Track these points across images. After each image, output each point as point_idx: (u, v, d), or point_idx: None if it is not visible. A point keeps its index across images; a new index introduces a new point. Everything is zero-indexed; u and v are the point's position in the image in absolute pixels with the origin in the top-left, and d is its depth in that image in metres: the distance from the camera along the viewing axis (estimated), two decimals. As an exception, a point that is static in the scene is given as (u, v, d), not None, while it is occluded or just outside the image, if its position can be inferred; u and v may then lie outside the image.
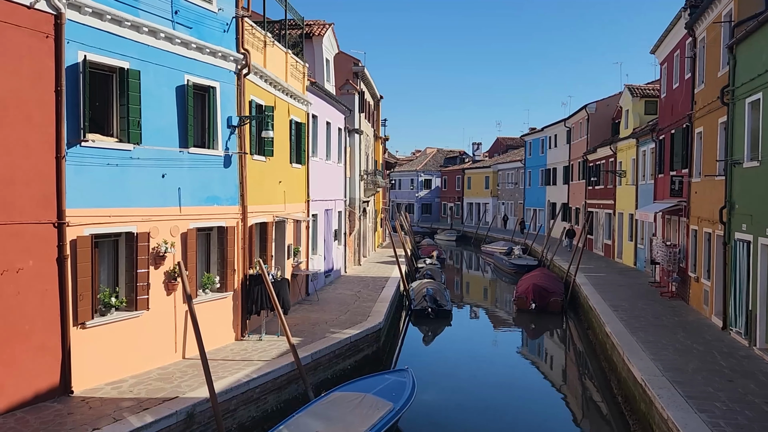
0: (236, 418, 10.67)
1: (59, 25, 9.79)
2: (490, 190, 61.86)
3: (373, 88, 34.97)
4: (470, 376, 16.06)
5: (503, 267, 37.11)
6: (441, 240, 56.22)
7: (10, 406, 9.23)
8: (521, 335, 22.30)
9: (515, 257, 36.29)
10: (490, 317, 25.59)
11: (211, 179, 13.28)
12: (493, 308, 27.89)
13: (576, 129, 40.18)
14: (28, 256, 9.52)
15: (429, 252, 38.26)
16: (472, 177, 66.18)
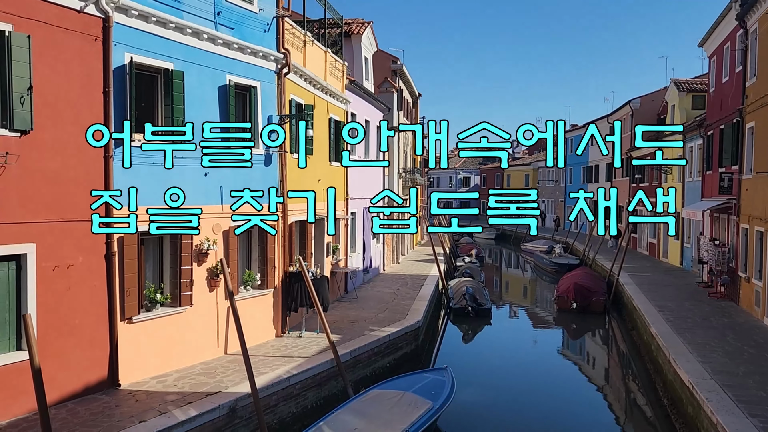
0: (277, 414, 10.81)
1: (107, 28, 10.08)
2: (530, 188, 61.01)
3: (412, 86, 34.89)
4: (510, 376, 15.89)
5: (543, 266, 36.59)
6: (480, 238, 55.76)
7: (62, 397, 9.55)
8: (562, 335, 21.96)
9: (556, 256, 35.73)
10: (530, 316, 25.27)
11: (252, 177, 13.45)
12: (533, 307, 27.53)
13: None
14: (79, 253, 9.83)
15: (468, 250, 38.00)
16: (511, 175, 65.44)
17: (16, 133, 8.89)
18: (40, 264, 9.29)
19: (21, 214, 8.99)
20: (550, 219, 53.98)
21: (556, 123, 8.35)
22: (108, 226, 9.58)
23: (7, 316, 9.11)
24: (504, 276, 37.91)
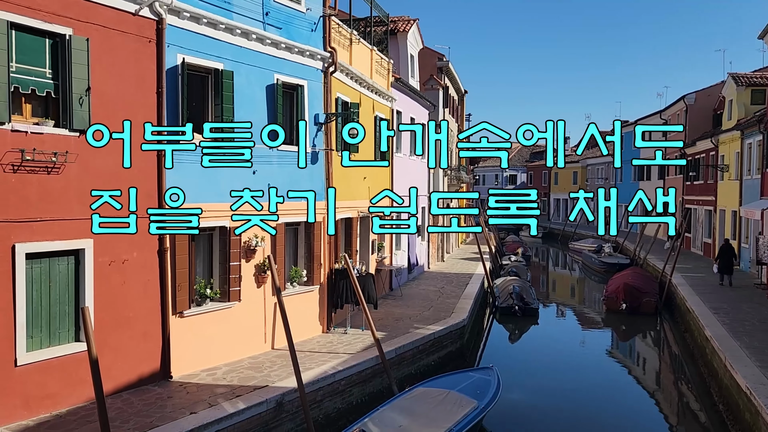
0: (322, 409, 10.93)
1: (160, 30, 10.37)
2: (579, 186, 59.81)
3: (458, 83, 34.66)
4: (557, 377, 15.61)
5: (592, 265, 35.80)
6: (526, 237, 54.92)
7: (117, 387, 9.90)
8: (611, 336, 21.45)
9: (605, 255, 34.89)
10: (577, 317, 24.78)
11: (299, 175, 13.60)
12: (580, 308, 26.98)
13: (673, 121, 38.06)
14: (133, 248, 10.16)
15: (514, 249, 37.49)
16: (559, 172, 64.29)
17: (75, 132, 9.24)
18: (97, 259, 9.65)
19: (80, 211, 9.34)
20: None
21: (556, 123, 8.29)
22: (107, 226, 9.30)
23: (67, 309, 9.50)
24: (551, 275, 37.28)
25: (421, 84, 27.05)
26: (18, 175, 8.63)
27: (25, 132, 8.67)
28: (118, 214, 9.84)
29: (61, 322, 9.45)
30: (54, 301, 9.34)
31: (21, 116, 8.88)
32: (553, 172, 65.37)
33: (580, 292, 31.66)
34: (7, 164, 8.49)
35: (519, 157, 74.30)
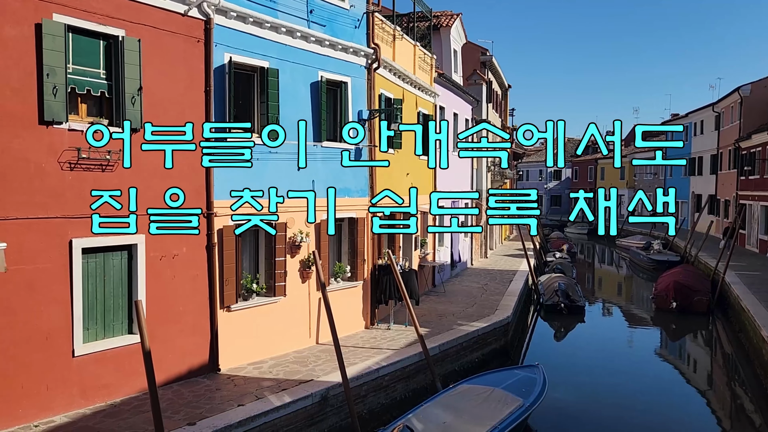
0: (366, 404, 10.99)
1: (208, 29, 10.58)
2: (626, 181, 58.36)
3: (501, 78, 34.25)
4: (604, 376, 15.30)
5: (640, 262, 34.91)
6: (571, 233, 54.00)
7: (168, 379, 10.18)
8: (660, 336, 20.88)
9: (654, 252, 33.98)
10: (625, 315, 24.21)
11: (342, 171, 13.69)
12: (628, 306, 26.36)
13: (727, 114, 36.74)
14: (182, 244, 10.41)
15: (559, 245, 36.90)
16: (605, 167, 62.85)
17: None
18: (148, 254, 9.93)
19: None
20: (647, 214, 51.37)
21: (556, 123, 8.27)
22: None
23: (120, 302, 9.82)
24: (597, 272, 36.53)
25: (464, 79, 26.84)
26: (74, 173, 8.95)
27: (81, 131, 8.98)
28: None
29: (115, 314, 9.77)
30: (108, 294, 9.67)
31: (77, 116, 9.20)
32: (599, 167, 63.94)
33: (627, 290, 30.92)
34: (64, 162, 8.82)
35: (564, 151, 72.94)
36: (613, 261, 40.49)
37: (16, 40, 8.28)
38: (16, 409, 8.44)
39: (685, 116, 44.96)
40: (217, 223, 10.88)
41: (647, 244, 36.27)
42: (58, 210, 8.80)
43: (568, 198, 70.41)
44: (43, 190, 8.63)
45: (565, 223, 59.18)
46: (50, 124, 8.63)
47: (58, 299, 8.88)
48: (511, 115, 42.07)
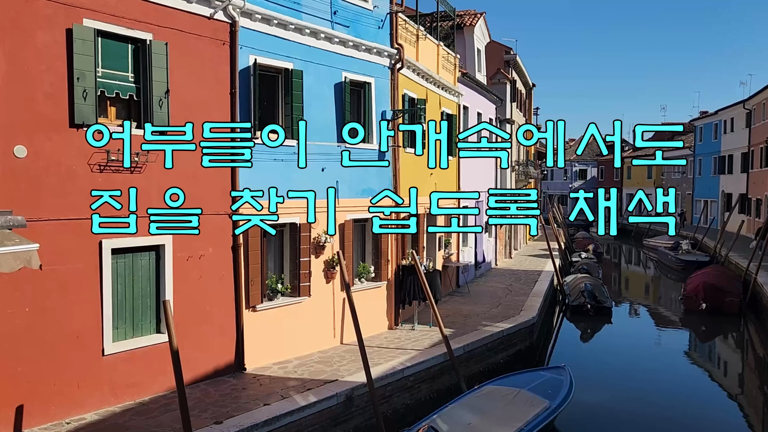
0: (391, 404, 10.99)
1: (234, 32, 10.69)
2: (653, 180, 57.45)
3: (525, 77, 33.98)
4: (632, 378, 15.08)
5: (668, 263, 34.32)
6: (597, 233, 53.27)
7: (195, 378, 10.31)
8: (689, 337, 20.51)
9: (683, 252, 33.36)
10: (653, 316, 23.83)
11: (366, 172, 13.74)
12: (656, 307, 25.94)
13: (758, 111, 35.92)
14: (209, 244, 10.53)
15: (584, 245, 36.45)
16: (632, 167, 61.90)
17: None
18: (176, 254, 10.07)
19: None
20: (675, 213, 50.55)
21: (557, 123, 8.24)
22: (108, 226, 9.24)
23: (149, 302, 9.97)
24: (623, 273, 36.02)
25: (488, 78, 26.68)
26: (104, 175, 9.11)
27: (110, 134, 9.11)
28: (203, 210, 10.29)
29: (143, 314, 9.92)
30: (137, 294, 9.82)
31: (106, 118, 9.37)
32: (626, 167, 63.02)
33: (655, 291, 30.44)
34: (94, 164, 8.98)
35: (589, 150, 72.06)
36: (640, 261, 39.90)
37: (48, 46, 8.46)
38: (49, 407, 8.63)
39: (714, 114, 44.08)
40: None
41: (676, 244, 35.64)
42: (89, 211, 8.94)
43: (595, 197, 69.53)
44: (74, 191, 8.80)
45: (591, 224, 58.47)
46: (81, 127, 8.80)
47: (89, 299, 9.05)
48: (535, 114, 41.70)
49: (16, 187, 8.22)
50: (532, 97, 39.05)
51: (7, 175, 8.12)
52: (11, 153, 8.15)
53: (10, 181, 8.16)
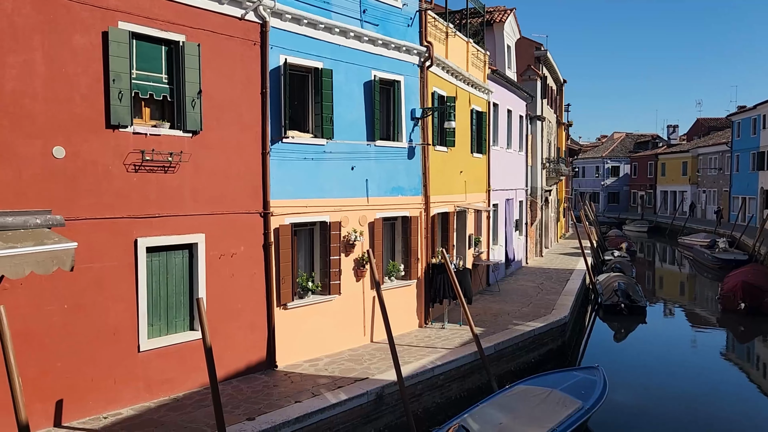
0: (421, 403, 10.96)
1: (264, 32, 10.77)
2: (689, 177, 56.17)
3: (556, 73, 33.56)
4: (668, 379, 14.76)
5: (705, 261, 33.54)
6: (630, 231, 52.39)
7: (227, 375, 10.44)
8: (727, 338, 20.00)
9: (720, 251, 32.56)
10: (689, 316, 23.30)
11: (396, 170, 13.73)
12: (692, 306, 25.35)
13: (798, 105, 34.81)
14: (240, 243, 10.65)
15: (617, 244, 35.87)
16: (666, 163, 60.70)
17: (188, 133, 9.80)
18: (208, 252, 10.20)
19: (193, 207, 9.91)
20: (711, 210, 49.32)
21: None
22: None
23: (182, 299, 10.12)
24: (658, 272, 35.29)
25: (518, 75, 26.42)
26: (139, 175, 9.27)
27: (145, 134, 9.30)
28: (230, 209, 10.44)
29: (177, 311, 10.08)
30: (171, 292, 9.98)
31: (141, 119, 9.54)
32: (659, 163, 61.79)
33: (690, 290, 29.77)
34: (129, 164, 9.15)
35: (622, 147, 70.85)
36: (675, 260, 39.06)
37: (84, 48, 8.64)
38: (87, 402, 8.83)
39: (753, 108, 42.87)
40: (273, 223, 11.06)
41: (712, 242, 34.81)
42: (124, 210, 9.14)
43: (627, 195, 68.35)
44: (110, 191, 8.98)
45: (624, 221, 57.48)
46: (116, 127, 8.97)
47: (125, 296, 9.23)
48: (566, 110, 41.17)
49: (55, 187, 8.42)
50: (563, 93, 38.55)
51: (46, 176, 8.33)
52: (50, 154, 8.35)
53: (49, 181, 8.36)
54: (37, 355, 8.35)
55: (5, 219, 7.50)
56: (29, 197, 8.17)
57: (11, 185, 8.02)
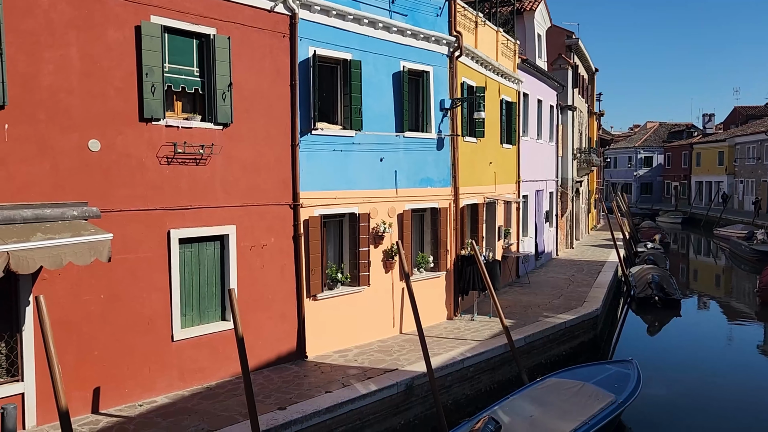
0: (451, 395, 10.94)
1: (293, 24, 10.79)
2: (725, 167, 54.74)
3: (588, 61, 32.96)
4: (704, 373, 14.46)
5: (742, 253, 32.71)
6: (664, 222, 51.36)
7: (258, 365, 10.56)
8: (765, 331, 19.49)
9: (758, 242, 31.71)
10: (725, 309, 22.77)
11: (424, 162, 13.67)
12: (728, 299, 24.76)
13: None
14: (270, 234, 10.73)
15: (650, 235, 35.22)
16: (702, 152, 59.24)
17: (219, 126, 9.90)
18: (239, 243, 10.30)
19: (224, 199, 10.02)
20: (749, 201, 48.02)
21: None
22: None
23: (214, 290, 10.26)
24: (692, 264, 34.55)
25: (549, 64, 26.01)
26: (171, 167, 9.40)
27: (177, 127, 9.42)
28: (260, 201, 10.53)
29: (209, 302, 10.22)
30: (203, 282, 10.12)
31: (173, 112, 9.65)
32: (694, 153, 60.34)
33: (727, 283, 29.07)
34: (162, 157, 9.28)
35: (655, 137, 69.35)
36: (710, 252, 38.19)
37: (118, 43, 8.77)
38: (123, 389, 9.03)
39: (793, 96, 41.47)
40: (303, 214, 11.12)
41: (750, 233, 33.93)
42: (158, 202, 9.28)
43: (661, 186, 66.96)
44: (143, 183, 9.13)
45: (657, 212, 56.38)
46: (149, 121, 9.10)
47: (158, 287, 9.39)
48: (598, 100, 40.45)
49: (90, 180, 8.59)
50: (594, 82, 37.86)
51: (82, 168, 8.50)
52: (86, 147, 8.51)
53: (85, 174, 8.53)
54: (75, 344, 8.56)
55: (44, 211, 7.68)
56: (66, 190, 8.35)
57: (49, 178, 8.21)
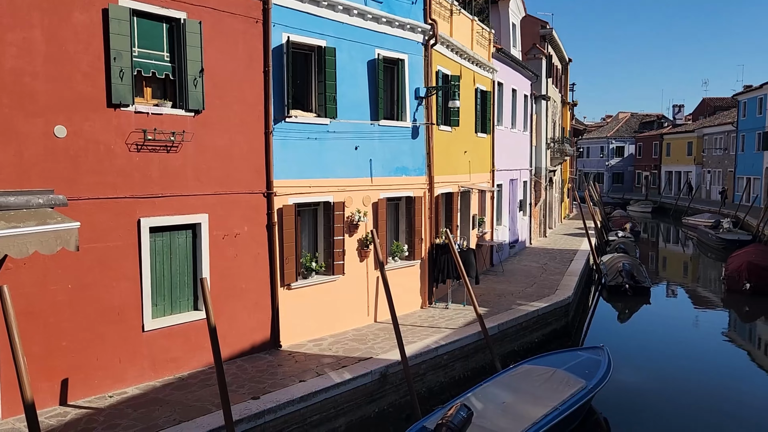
0: (425, 382, 11.00)
1: (266, 9, 10.61)
2: (694, 157, 55.86)
3: (562, 51, 33.19)
4: (672, 359, 14.79)
5: (708, 242, 33.46)
6: (634, 211, 52.25)
7: (232, 354, 10.47)
8: (730, 318, 19.98)
9: (724, 231, 32.46)
10: (692, 297, 23.29)
11: (400, 150, 13.64)
12: (695, 287, 25.33)
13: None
14: (244, 223, 10.61)
15: (621, 224, 35.78)
16: (671, 143, 60.31)
17: (191, 112, 9.72)
18: (212, 232, 10.16)
19: (196, 187, 9.86)
20: (716, 191, 49.09)
21: None
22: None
23: (186, 279, 10.11)
24: (661, 252, 35.22)
25: (523, 53, 26.11)
26: (141, 154, 9.21)
27: (147, 113, 9.22)
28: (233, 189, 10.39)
29: (181, 291, 10.08)
30: (174, 272, 9.97)
31: (142, 98, 9.44)
32: (664, 143, 61.37)
33: (694, 271, 29.73)
34: (131, 144, 9.08)
35: (627, 127, 70.34)
36: (679, 240, 38.98)
37: (85, 26, 8.52)
38: (92, 380, 8.87)
39: (759, 87, 42.44)
40: (277, 203, 11.02)
41: (716, 222, 34.71)
42: (127, 190, 9.09)
43: (632, 175, 68.02)
44: (112, 170, 8.92)
45: (628, 202, 57.30)
46: (118, 106, 8.89)
47: (128, 276, 9.22)
48: (571, 90, 40.80)
49: (57, 167, 8.37)
50: (568, 72, 38.17)
51: (48, 155, 8.27)
52: (52, 133, 8.28)
53: (51, 161, 8.31)
54: (42, 335, 8.38)
55: (7, 199, 7.47)
56: (31, 177, 8.13)
57: (13, 165, 7.97)
